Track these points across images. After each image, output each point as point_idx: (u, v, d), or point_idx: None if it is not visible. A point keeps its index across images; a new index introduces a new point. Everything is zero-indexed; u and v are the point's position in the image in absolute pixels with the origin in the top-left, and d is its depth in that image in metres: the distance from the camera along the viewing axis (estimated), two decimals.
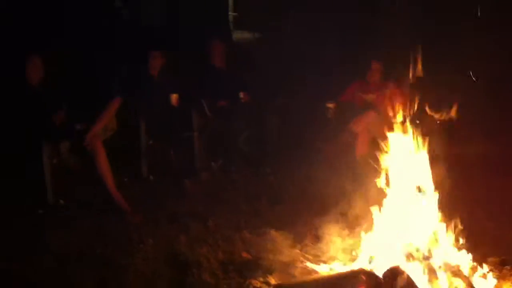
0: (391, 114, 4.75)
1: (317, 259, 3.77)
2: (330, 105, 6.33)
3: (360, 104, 6.28)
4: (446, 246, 3.34)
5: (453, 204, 3.58)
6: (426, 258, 3.23)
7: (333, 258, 3.74)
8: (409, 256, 3.21)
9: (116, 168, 5.04)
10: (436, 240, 3.33)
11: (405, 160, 3.50)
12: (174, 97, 5.85)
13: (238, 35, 10.67)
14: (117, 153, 5.25)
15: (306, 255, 3.82)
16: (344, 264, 3.56)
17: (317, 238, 4.10)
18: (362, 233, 3.63)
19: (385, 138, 3.64)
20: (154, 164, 5.86)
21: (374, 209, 3.55)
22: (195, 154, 5.98)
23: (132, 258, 3.82)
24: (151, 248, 4.03)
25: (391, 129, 3.61)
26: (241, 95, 6.36)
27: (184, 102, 5.93)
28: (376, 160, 3.65)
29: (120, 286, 3.41)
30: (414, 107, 3.74)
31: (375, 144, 3.88)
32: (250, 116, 6.17)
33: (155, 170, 5.87)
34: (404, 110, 5.19)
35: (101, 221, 4.56)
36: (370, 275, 3.02)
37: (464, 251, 3.42)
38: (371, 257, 3.36)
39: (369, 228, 3.60)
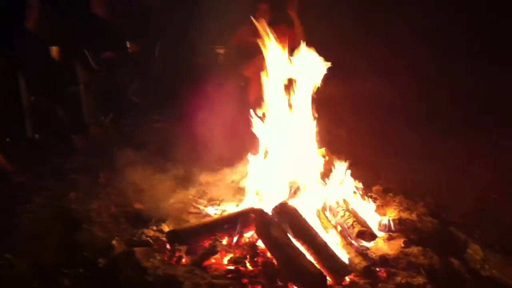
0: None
1: (210, 203, 3.81)
2: (220, 50, 6.23)
3: (250, 48, 6.17)
4: (331, 179, 3.46)
5: (338, 138, 3.70)
6: (313, 192, 3.33)
7: (225, 201, 3.80)
8: (296, 191, 3.29)
9: None
10: (321, 173, 3.43)
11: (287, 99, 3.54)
12: (54, 50, 5.53)
13: None
14: None
15: (199, 200, 3.84)
16: (236, 205, 3.61)
17: (210, 182, 4.13)
18: (252, 172, 3.69)
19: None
20: (39, 122, 5.54)
21: (260, 148, 3.60)
22: (83, 109, 5.73)
23: (19, 218, 3.67)
24: (38, 207, 3.88)
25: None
26: (128, 44, 6.13)
27: (66, 54, 5.63)
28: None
29: (7, 248, 3.23)
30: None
31: None
32: (138, 66, 5.97)
33: (41, 128, 5.56)
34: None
35: None
36: (259, 212, 3.08)
37: (349, 182, 3.56)
38: (258, 195, 3.42)
39: (258, 167, 3.65)
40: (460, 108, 6.22)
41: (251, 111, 3.60)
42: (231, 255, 2.95)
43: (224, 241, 3.09)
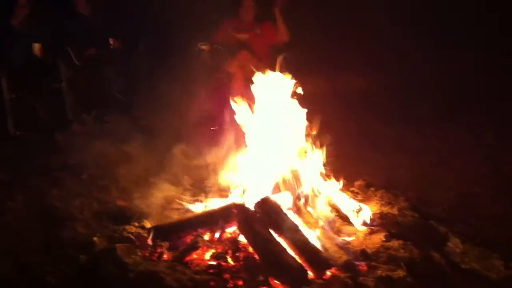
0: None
1: (193, 199, 3.81)
2: (204, 46, 6.18)
3: (234, 44, 6.14)
4: (314, 174, 3.47)
5: (322, 133, 3.72)
6: (295, 187, 3.34)
7: (208, 196, 3.80)
8: (279, 187, 3.30)
9: None
10: (304, 169, 3.44)
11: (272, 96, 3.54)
12: (37, 47, 5.49)
13: None
14: None
15: (182, 196, 3.84)
16: (219, 201, 3.62)
17: (193, 178, 4.14)
18: (235, 169, 3.69)
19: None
20: (21, 119, 5.51)
21: (245, 144, 3.60)
22: (66, 106, 5.69)
23: (1, 216, 3.64)
24: (22, 205, 3.85)
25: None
26: (111, 41, 6.08)
27: (49, 51, 5.59)
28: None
29: None
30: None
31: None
32: (122, 63, 5.93)
33: (23, 126, 5.53)
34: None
35: None
36: (241, 208, 3.09)
37: (331, 178, 3.58)
38: (243, 190, 3.42)
39: (241, 163, 3.66)
40: (443, 103, 6.28)
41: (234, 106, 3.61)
42: (213, 250, 2.95)
43: (206, 237, 3.09)
